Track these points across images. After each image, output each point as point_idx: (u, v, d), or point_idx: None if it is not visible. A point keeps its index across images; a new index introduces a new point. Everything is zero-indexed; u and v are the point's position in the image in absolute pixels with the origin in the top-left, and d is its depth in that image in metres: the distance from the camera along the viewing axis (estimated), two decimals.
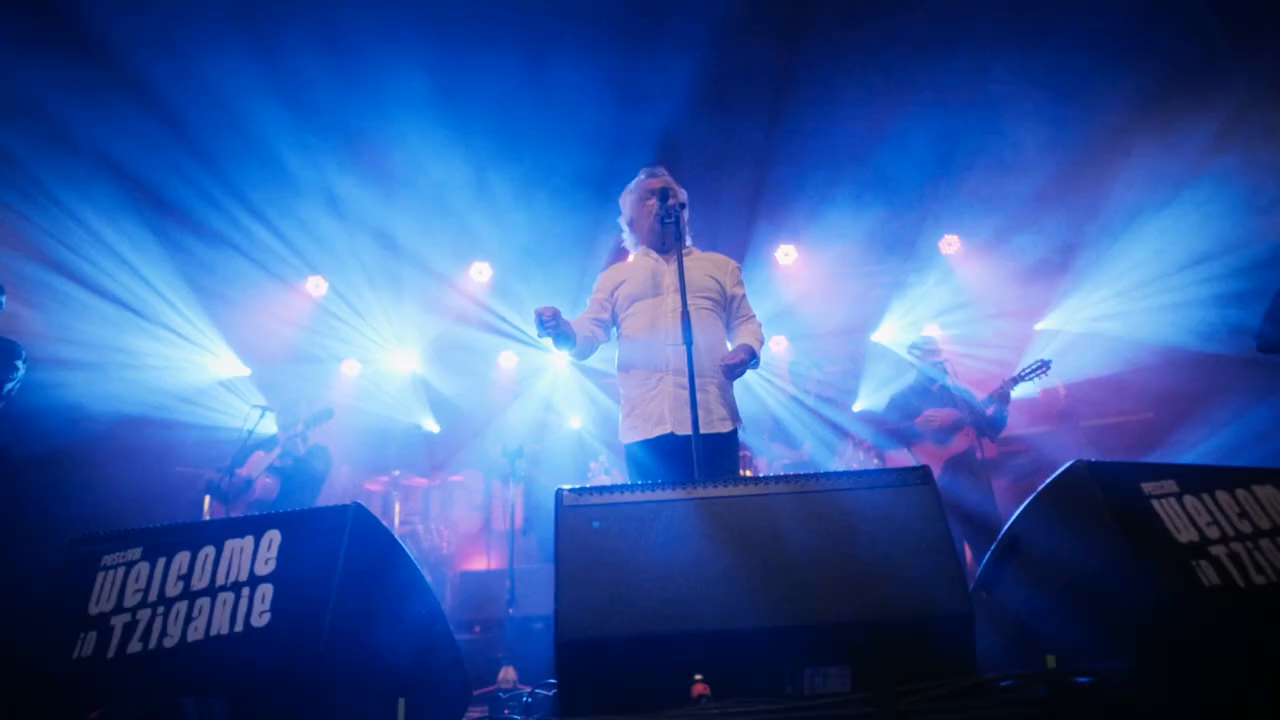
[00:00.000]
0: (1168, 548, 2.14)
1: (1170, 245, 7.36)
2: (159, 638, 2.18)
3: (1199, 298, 7.13)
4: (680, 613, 2.08)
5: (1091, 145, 7.30)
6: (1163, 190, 7.18)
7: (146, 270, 7.61)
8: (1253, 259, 6.60)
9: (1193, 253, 7.21)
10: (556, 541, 2.23)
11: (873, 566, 2.11)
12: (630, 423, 3.66)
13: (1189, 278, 7.28)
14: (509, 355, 9.94)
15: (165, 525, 2.41)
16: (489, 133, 7.27)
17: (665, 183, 3.89)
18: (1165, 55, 6.20)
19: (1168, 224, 7.30)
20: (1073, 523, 2.28)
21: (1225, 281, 6.94)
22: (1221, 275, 7.00)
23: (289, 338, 9.20)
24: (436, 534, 8.50)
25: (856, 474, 2.27)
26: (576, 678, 2.10)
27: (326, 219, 8.24)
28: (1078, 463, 2.27)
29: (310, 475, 6.37)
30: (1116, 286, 8.03)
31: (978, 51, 6.32)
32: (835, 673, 2.00)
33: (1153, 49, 6.22)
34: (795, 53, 6.27)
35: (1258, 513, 2.25)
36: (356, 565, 2.27)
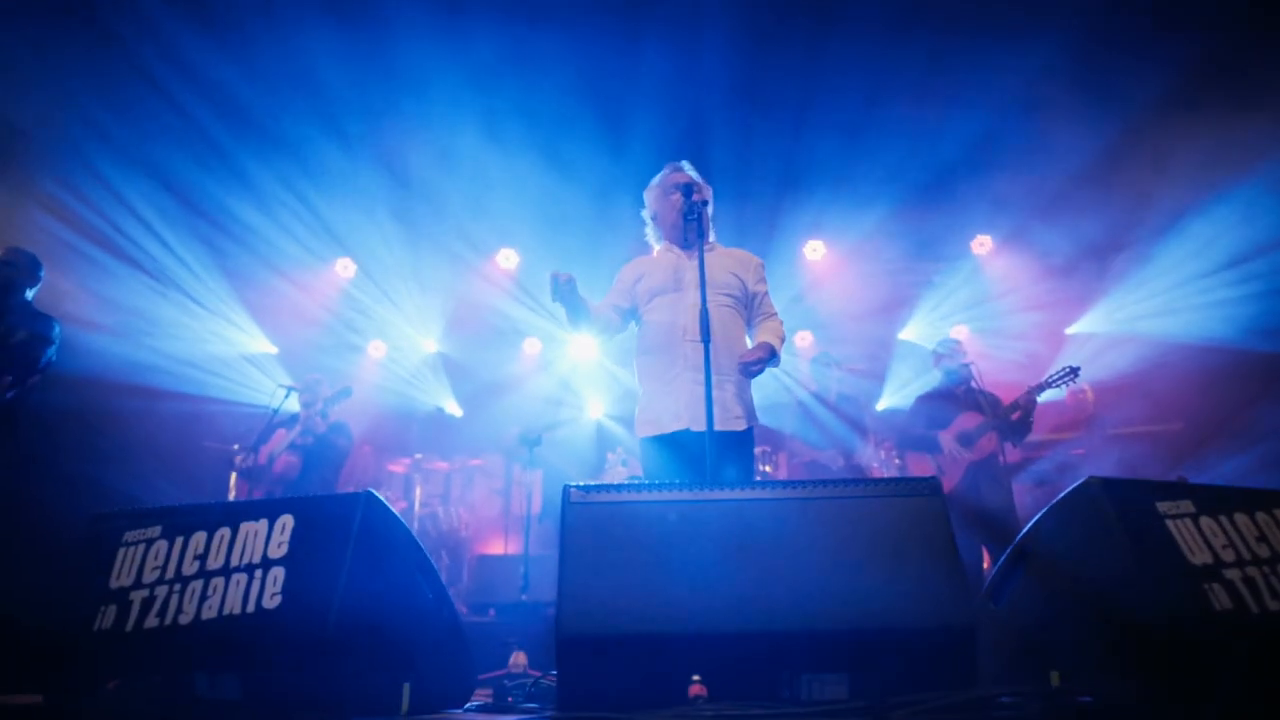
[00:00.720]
0: (1180, 569, 2.12)
1: (1211, 244, 7.23)
2: (175, 614, 2.24)
3: (1242, 296, 7.00)
4: (681, 614, 2.10)
5: (1132, 144, 7.16)
6: (1205, 188, 7.04)
7: (176, 244, 7.75)
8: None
9: (1235, 251, 7.08)
10: (562, 537, 2.25)
11: (876, 576, 2.11)
12: (646, 416, 3.67)
13: (1231, 276, 7.16)
14: (533, 341, 9.97)
15: (184, 505, 2.47)
16: (522, 121, 7.28)
17: (690, 178, 3.88)
18: (1207, 50, 6.06)
19: (1210, 222, 7.17)
20: (1084, 539, 2.26)
21: (1268, 279, 6.82)
22: (1265, 273, 6.87)
23: (316, 318, 9.30)
24: (455, 517, 8.58)
25: (864, 482, 2.27)
26: (576, 672, 2.12)
27: (358, 201, 8.31)
28: (1091, 479, 2.25)
29: (333, 452, 6.44)
30: (1154, 286, 7.91)
31: (1017, 49, 6.21)
32: (833, 680, 2.01)
33: (1194, 43, 6.09)
34: (828, 45, 6.21)
35: (1276, 537, 2.21)
36: (366, 552, 2.31)
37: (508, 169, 7.82)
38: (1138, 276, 8.07)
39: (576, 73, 6.76)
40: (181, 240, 7.82)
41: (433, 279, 9.37)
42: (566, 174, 7.76)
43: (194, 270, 8.02)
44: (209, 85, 6.66)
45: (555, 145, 7.50)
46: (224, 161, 7.38)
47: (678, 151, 6.95)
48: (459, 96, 7.11)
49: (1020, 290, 8.76)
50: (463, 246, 8.96)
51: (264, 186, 7.74)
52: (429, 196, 8.29)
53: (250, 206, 7.89)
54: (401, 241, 8.85)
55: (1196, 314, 7.50)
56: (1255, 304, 6.98)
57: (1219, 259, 7.27)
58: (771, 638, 2.06)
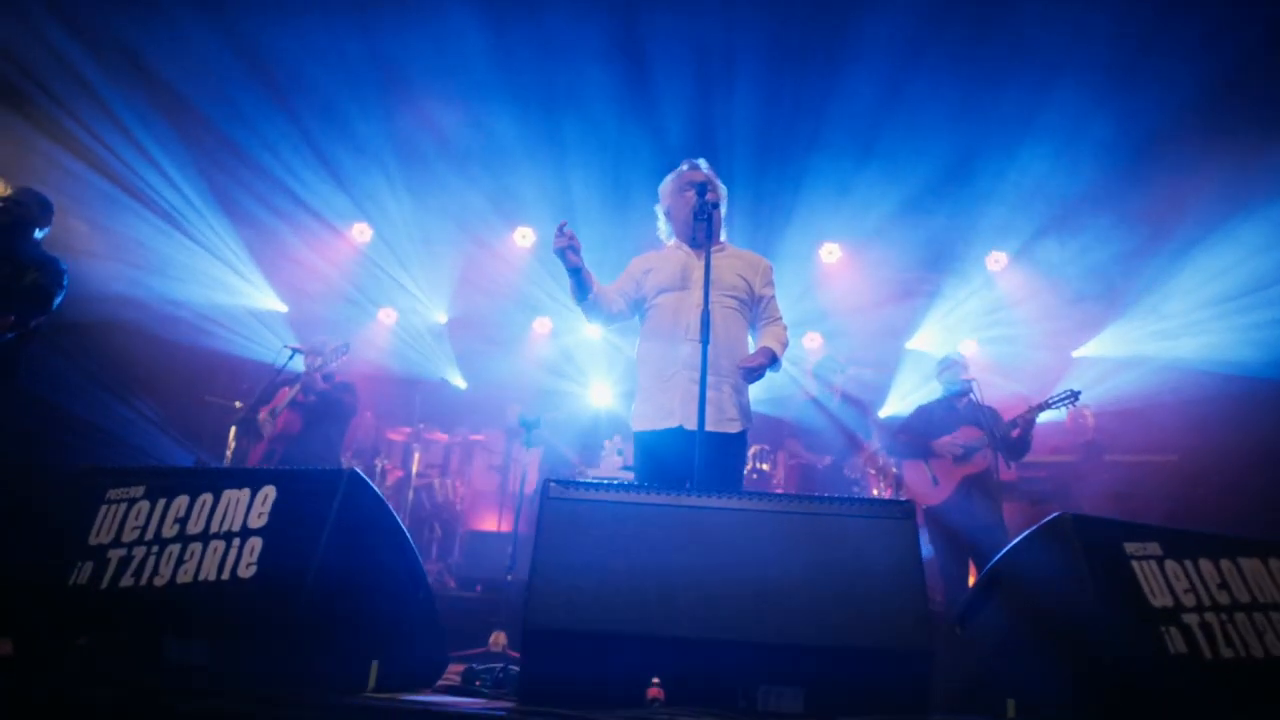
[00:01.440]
0: (1140, 610, 2.14)
1: (1229, 269, 7.19)
2: (150, 576, 2.28)
3: (1259, 322, 6.96)
4: (647, 615, 2.13)
5: (1152, 167, 7.12)
6: (1224, 217, 6.99)
7: (192, 193, 7.79)
8: None
9: (1255, 277, 7.03)
10: (538, 530, 2.28)
11: (840, 593, 2.13)
12: (642, 410, 3.69)
13: (1249, 302, 7.12)
14: (544, 321, 9.98)
15: (169, 467, 2.51)
16: (547, 103, 7.30)
17: (706, 176, 3.86)
18: (1231, 73, 6.00)
19: (1230, 246, 7.12)
20: (1052, 573, 2.28)
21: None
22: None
23: (329, 280, 9.33)
24: (451, 489, 8.62)
25: (840, 500, 2.28)
26: (539, 663, 2.16)
27: (379, 168, 8.32)
28: (1064, 514, 2.27)
29: (339, 409, 6.46)
30: (1167, 311, 7.88)
31: (1041, 64, 6.18)
32: (789, 693, 2.04)
33: (1218, 69, 6.04)
34: (851, 47, 6.18)
35: (1238, 585, 2.23)
36: (345, 528, 2.34)
37: (531, 148, 7.84)
38: (1150, 301, 8.03)
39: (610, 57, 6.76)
40: (197, 190, 7.85)
41: (448, 251, 9.39)
42: (589, 159, 7.78)
43: (208, 220, 8.06)
44: (240, 42, 6.68)
45: (580, 130, 7.51)
46: (247, 117, 7.41)
47: (698, 143, 7.03)
48: (487, 75, 7.12)
49: (1030, 309, 8.72)
50: (480, 221, 8.97)
51: (286, 145, 7.76)
52: (451, 169, 8.30)
53: (271, 163, 7.91)
54: (419, 211, 8.88)
55: (1210, 339, 7.46)
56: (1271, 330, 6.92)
57: (1237, 284, 7.22)
58: (731, 646, 2.09)
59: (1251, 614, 2.19)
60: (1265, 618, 2.21)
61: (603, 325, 3.79)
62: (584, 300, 3.62)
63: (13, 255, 4.57)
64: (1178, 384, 7.61)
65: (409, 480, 8.16)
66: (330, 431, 6.49)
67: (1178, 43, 5.78)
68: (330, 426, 6.46)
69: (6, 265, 4.51)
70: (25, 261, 4.59)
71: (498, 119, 7.67)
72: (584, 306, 3.66)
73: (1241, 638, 2.13)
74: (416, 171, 8.40)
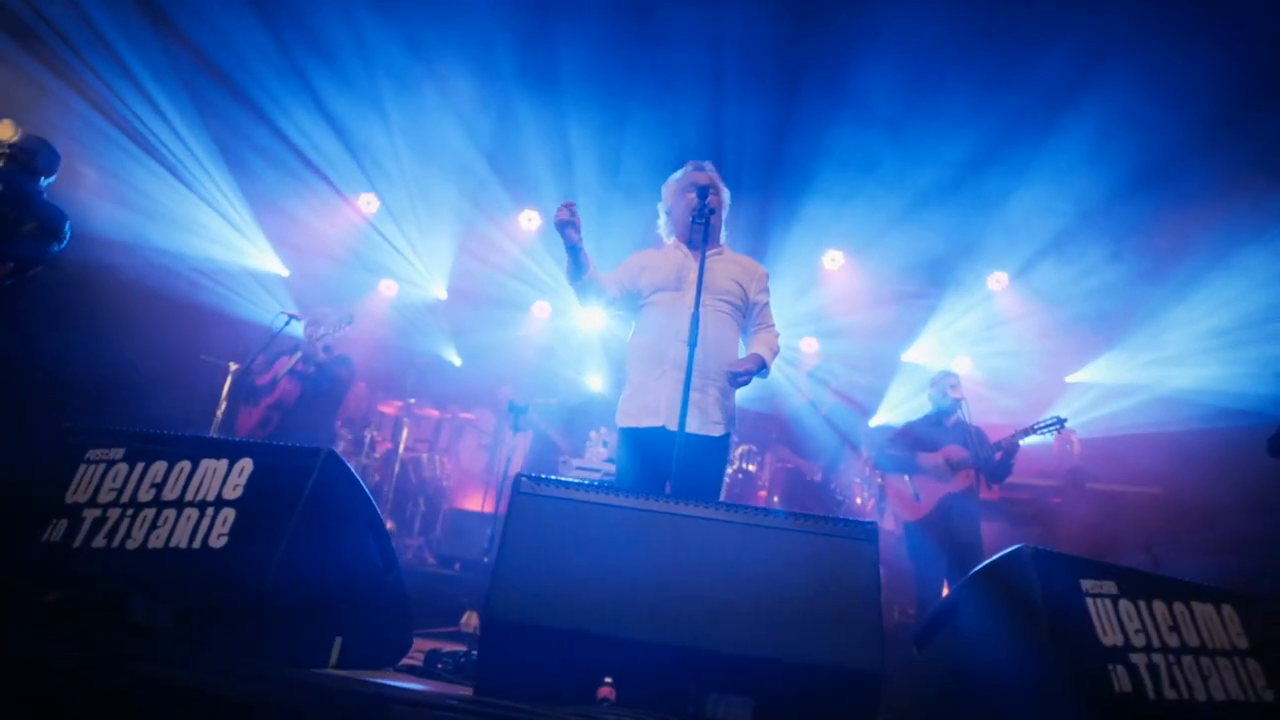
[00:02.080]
0: (1090, 647, 2.17)
1: (1228, 305, 7.21)
2: (123, 538, 2.32)
3: (1258, 357, 6.98)
4: (605, 616, 2.17)
5: (1158, 202, 7.14)
6: (1227, 250, 7.01)
7: (198, 147, 7.78)
8: None
9: (1256, 313, 7.05)
10: (505, 523, 2.32)
11: (797, 609, 2.17)
12: (627, 407, 3.72)
13: (1247, 337, 7.14)
14: (543, 305, 9.99)
15: (150, 432, 2.54)
16: (564, 92, 7.30)
17: (710, 179, 3.88)
18: (1236, 108, 6.02)
19: (1229, 284, 7.14)
20: (1008, 603, 2.31)
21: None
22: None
23: (332, 247, 9.34)
24: (439, 465, 8.66)
25: (804, 516, 2.32)
26: (497, 654, 2.20)
27: (392, 140, 8.32)
28: (1023, 548, 2.30)
29: (333, 382, 6.50)
30: (1163, 342, 7.90)
31: (1053, 96, 6.19)
32: (738, 703, 2.07)
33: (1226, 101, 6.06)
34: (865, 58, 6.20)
35: (1189, 629, 2.27)
36: (318, 507, 2.38)
37: (546, 133, 7.85)
38: (1146, 331, 8.05)
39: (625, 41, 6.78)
40: (205, 146, 7.84)
41: (453, 227, 9.38)
42: (600, 150, 7.79)
43: (213, 176, 8.05)
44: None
45: (592, 119, 7.52)
46: (261, 78, 7.40)
47: (709, 140, 7.04)
48: (506, 57, 7.14)
49: (1027, 331, 8.74)
50: (489, 200, 8.98)
51: (300, 110, 7.76)
52: (464, 146, 8.30)
53: (285, 125, 7.91)
54: (427, 186, 8.88)
55: (1204, 372, 7.48)
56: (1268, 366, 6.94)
57: (1236, 318, 7.24)
58: (684, 652, 2.12)
59: (1199, 658, 2.23)
60: (1212, 662, 2.26)
61: (593, 306, 3.80)
62: (578, 280, 3.65)
63: (14, 203, 4.53)
64: (1168, 416, 7.64)
65: (397, 453, 8.19)
66: (326, 403, 6.54)
67: (1187, 74, 5.78)
68: (327, 398, 6.50)
69: (8, 212, 4.48)
70: (27, 210, 4.54)
71: (514, 101, 7.67)
72: (578, 286, 3.68)
73: (1186, 680, 2.17)
74: (429, 147, 8.39)
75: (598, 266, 3.75)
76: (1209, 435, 7.04)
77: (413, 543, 7.87)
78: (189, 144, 7.72)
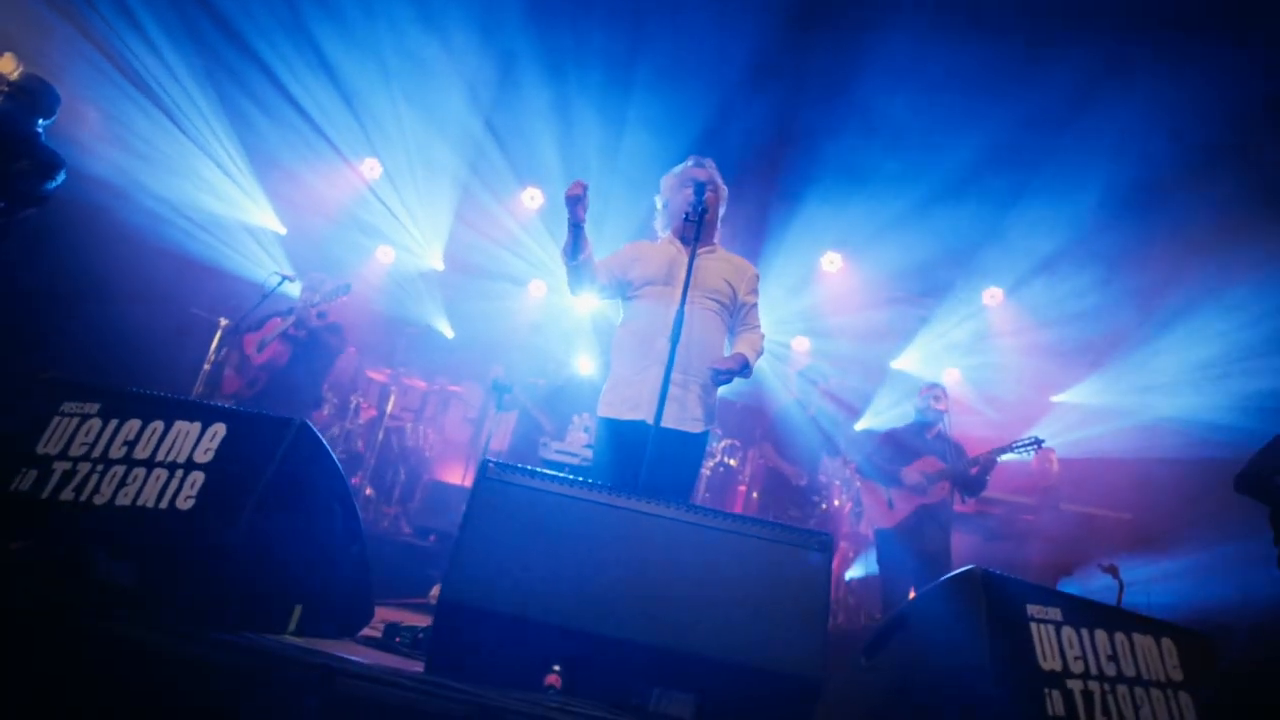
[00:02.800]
0: (1028, 669, 2.23)
1: (1217, 338, 7.26)
2: (91, 493, 2.34)
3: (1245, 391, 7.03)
4: (558, 606, 2.21)
5: (1153, 231, 7.18)
6: (1221, 284, 7.05)
7: (200, 97, 7.77)
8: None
9: (1244, 347, 7.10)
10: (468, 507, 2.35)
11: (745, 612, 2.21)
12: (609, 398, 3.74)
13: (1234, 370, 7.19)
14: (539, 284, 10.00)
15: (127, 390, 2.56)
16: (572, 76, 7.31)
17: (708, 176, 3.87)
18: (1236, 147, 6.07)
19: (1219, 318, 7.19)
20: (956, 622, 2.36)
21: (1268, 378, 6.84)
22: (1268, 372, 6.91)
23: (332, 209, 9.32)
24: (422, 436, 8.70)
25: (762, 523, 2.36)
26: (450, 636, 2.24)
27: (399, 106, 8.29)
28: (975, 569, 2.35)
29: (324, 350, 6.51)
30: (1150, 370, 7.96)
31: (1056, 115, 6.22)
32: (681, 699, 2.12)
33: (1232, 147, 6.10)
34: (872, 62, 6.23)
35: (1127, 659, 2.33)
36: (287, 476, 2.40)
37: (558, 113, 7.85)
38: (1134, 358, 8.10)
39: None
40: (206, 96, 7.83)
41: (454, 199, 9.35)
42: (606, 136, 7.80)
43: (211, 124, 8.03)
44: None
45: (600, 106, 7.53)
46: (270, 34, 7.37)
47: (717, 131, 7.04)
48: (520, 36, 7.14)
49: (1017, 348, 8.79)
50: (493, 175, 8.97)
51: (306, 68, 7.73)
52: (474, 120, 8.29)
53: (291, 84, 7.88)
54: (432, 155, 8.85)
55: (1189, 401, 7.54)
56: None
57: (1223, 351, 7.28)
58: (631, 646, 2.17)
59: (1134, 688, 2.29)
60: (1145, 693, 2.32)
61: (580, 291, 3.81)
62: (574, 259, 3.66)
63: (9, 142, 4.48)
64: (1146, 444, 7.72)
65: (382, 421, 8.23)
66: (315, 367, 6.55)
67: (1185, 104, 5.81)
68: (316, 362, 6.51)
69: (1, 151, 4.45)
70: (21, 150, 4.49)
71: (522, 78, 7.66)
72: (572, 265, 3.69)
73: (1119, 709, 2.22)
74: (434, 116, 8.37)
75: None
76: (1184, 465, 7.11)
77: (390, 511, 7.92)
78: (191, 92, 7.70)
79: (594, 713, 1.95)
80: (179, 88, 7.59)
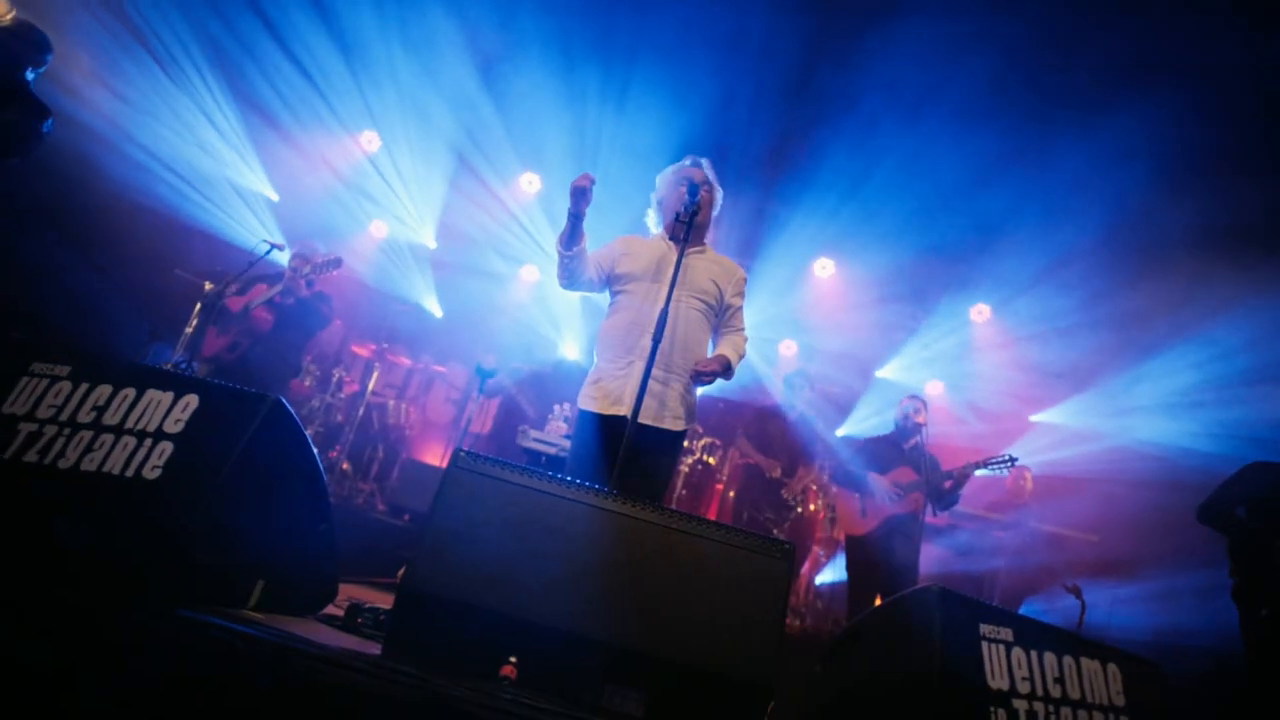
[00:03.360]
0: (975, 688, 2.26)
1: (1197, 368, 7.32)
2: (56, 456, 2.32)
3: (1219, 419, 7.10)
4: (519, 598, 2.23)
5: (1139, 262, 7.24)
6: (1202, 317, 7.11)
7: (198, 55, 7.70)
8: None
9: (1224, 377, 7.17)
10: (437, 495, 2.36)
11: (702, 615, 2.24)
12: (591, 391, 3.75)
13: (1212, 398, 7.25)
14: (532, 269, 9.96)
15: (100, 354, 2.55)
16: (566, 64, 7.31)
17: (704, 177, 3.89)
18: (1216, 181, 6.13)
19: (1201, 348, 7.25)
20: (910, 636, 2.39)
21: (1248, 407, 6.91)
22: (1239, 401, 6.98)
23: (327, 179, 9.25)
24: (404, 413, 8.67)
25: (725, 528, 2.37)
26: (410, 621, 2.25)
27: (402, 81, 8.24)
28: (931, 587, 2.38)
29: (312, 318, 6.45)
30: (1129, 395, 8.02)
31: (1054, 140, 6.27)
32: (634, 696, 2.14)
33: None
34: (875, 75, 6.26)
35: (1073, 682, 2.38)
36: (257, 452, 2.40)
37: (564, 100, 7.82)
38: (1115, 382, 8.17)
39: None
40: (203, 47, 7.73)
41: (452, 178, 9.29)
42: (610, 127, 7.79)
43: (210, 85, 7.95)
44: None
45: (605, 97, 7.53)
46: None
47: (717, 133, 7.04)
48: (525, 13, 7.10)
49: (1001, 365, 8.84)
50: (495, 156, 8.93)
51: (310, 32, 7.67)
52: (480, 100, 8.25)
53: (293, 41, 7.80)
54: (432, 133, 8.79)
55: (1166, 427, 7.61)
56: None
57: (1203, 380, 7.35)
58: (588, 642, 2.19)
59: (1077, 710, 2.34)
60: (1088, 715, 2.37)
61: (570, 282, 3.83)
62: (570, 249, 3.68)
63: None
64: (1119, 468, 7.79)
65: (364, 396, 8.20)
66: (298, 337, 6.51)
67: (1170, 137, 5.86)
68: (299, 332, 6.47)
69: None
70: (6, 98, 4.43)
71: (527, 61, 7.65)
72: (567, 256, 3.70)
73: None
74: (440, 93, 8.32)
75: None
76: (1154, 491, 7.17)
77: (366, 488, 7.91)
78: (186, 43, 7.58)
79: (545, 706, 1.96)
80: (174, 36, 7.47)
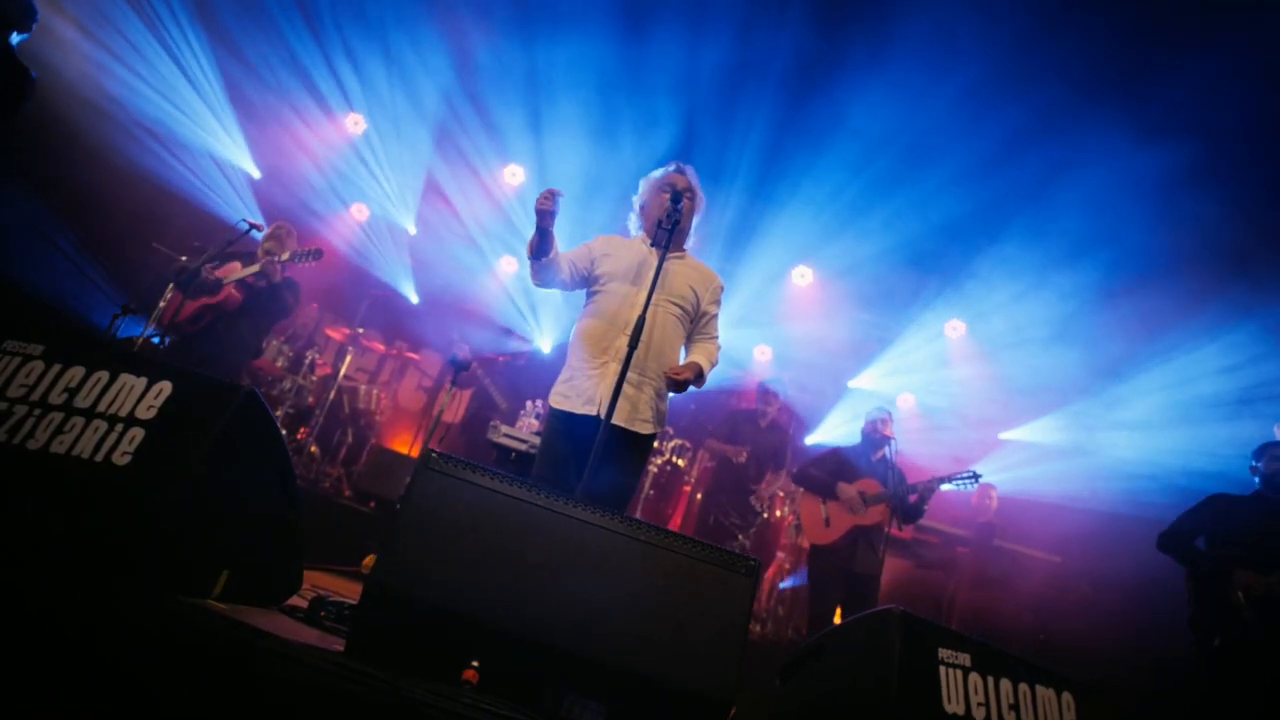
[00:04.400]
0: (931, 711, 2.30)
1: (1171, 389, 7.45)
2: (24, 438, 2.29)
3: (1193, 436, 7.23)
4: (483, 602, 2.23)
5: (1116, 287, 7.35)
6: (1183, 339, 7.24)
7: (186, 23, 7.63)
8: None
9: (1195, 399, 7.30)
10: (406, 493, 2.36)
11: (664, 627, 2.26)
12: (563, 390, 3.76)
13: (1181, 416, 7.38)
14: (511, 261, 9.95)
15: (74, 334, 2.52)
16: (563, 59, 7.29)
17: (686, 184, 3.93)
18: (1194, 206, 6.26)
19: (1172, 372, 7.37)
20: (868, 657, 2.43)
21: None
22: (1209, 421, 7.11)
23: (311, 158, 9.17)
24: (375, 399, 8.62)
25: (692, 541, 2.39)
26: (373, 620, 2.25)
27: (391, 64, 8.20)
28: (893, 610, 2.42)
29: (276, 304, 6.39)
30: (1100, 417, 8.15)
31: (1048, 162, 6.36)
32: (593, 708, 2.16)
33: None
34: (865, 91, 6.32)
35: (1027, 708, 2.43)
36: (228, 442, 2.39)
37: (542, 89, 7.82)
38: (1085, 404, 8.30)
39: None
40: (191, 18, 7.68)
41: (435, 164, 9.27)
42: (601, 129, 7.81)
43: (198, 55, 7.86)
44: None
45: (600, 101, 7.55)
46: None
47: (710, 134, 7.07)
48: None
49: (972, 380, 8.95)
50: (484, 144, 8.90)
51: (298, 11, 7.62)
52: (468, 88, 8.23)
53: (287, 30, 7.75)
54: (418, 119, 8.77)
55: (1136, 447, 7.74)
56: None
57: (1179, 401, 7.47)
58: (550, 650, 2.20)
59: None
60: None
61: (543, 284, 3.84)
62: (540, 259, 3.70)
63: None
64: (1084, 490, 7.92)
65: (335, 379, 8.14)
66: (263, 320, 6.46)
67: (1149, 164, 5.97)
68: (265, 315, 6.42)
69: None
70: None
71: (513, 51, 7.64)
72: (537, 264, 3.73)
73: None
74: (426, 79, 8.29)
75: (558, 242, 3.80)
76: (1118, 518, 7.30)
77: (333, 472, 7.86)
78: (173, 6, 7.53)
79: (506, 713, 1.98)
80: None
